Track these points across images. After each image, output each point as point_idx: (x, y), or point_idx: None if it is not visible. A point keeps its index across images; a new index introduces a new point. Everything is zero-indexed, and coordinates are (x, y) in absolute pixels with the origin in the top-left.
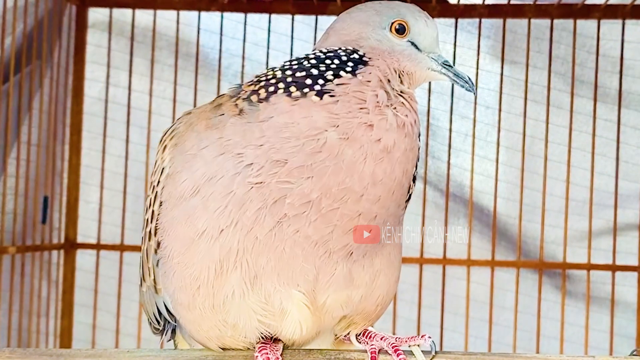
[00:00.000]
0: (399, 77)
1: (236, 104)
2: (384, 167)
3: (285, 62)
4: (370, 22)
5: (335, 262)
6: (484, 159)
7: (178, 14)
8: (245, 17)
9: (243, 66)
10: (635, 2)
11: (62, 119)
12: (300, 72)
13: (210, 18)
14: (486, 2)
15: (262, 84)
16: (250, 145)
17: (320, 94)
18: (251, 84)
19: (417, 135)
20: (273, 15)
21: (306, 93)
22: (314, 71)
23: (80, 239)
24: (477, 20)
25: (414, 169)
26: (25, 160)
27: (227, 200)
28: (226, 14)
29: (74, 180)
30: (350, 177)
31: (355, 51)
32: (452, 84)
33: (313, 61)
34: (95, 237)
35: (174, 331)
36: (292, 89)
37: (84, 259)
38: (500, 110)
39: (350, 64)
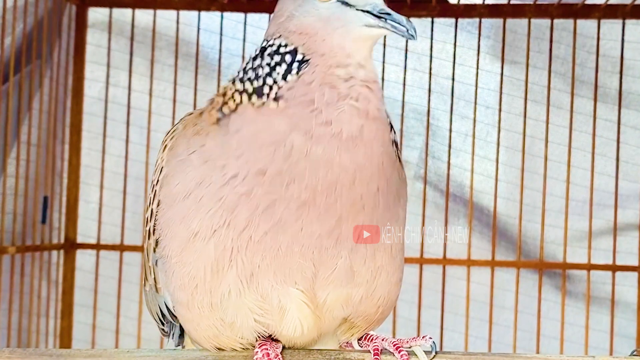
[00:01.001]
0: (348, 57)
1: (211, 114)
2: (361, 151)
3: (240, 70)
4: None
5: (339, 253)
6: (484, 159)
7: (178, 14)
8: (245, 17)
9: None
10: (635, 2)
11: (62, 119)
12: (257, 81)
13: (210, 18)
14: (486, 2)
15: (229, 94)
16: (230, 157)
17: (276, 99)
18: (220, 95)
19: (388, 122)
20: None
21: (265, 101)
22: (269, 80)
23: (80, 239)
24: (477, 20)
25: (395, 155)
26: (25, 160)
27: (218, 205)
28: (226, 14)
29: (73, 180)
30: (331, 170)
31: (294, 49)
32: (454, 83)
33: (266, 68)
34: (95, 237)
35: (181, 336)
36: (254, 98)
37: (83, 259)
38: (500, 110)
39: (294, 65)
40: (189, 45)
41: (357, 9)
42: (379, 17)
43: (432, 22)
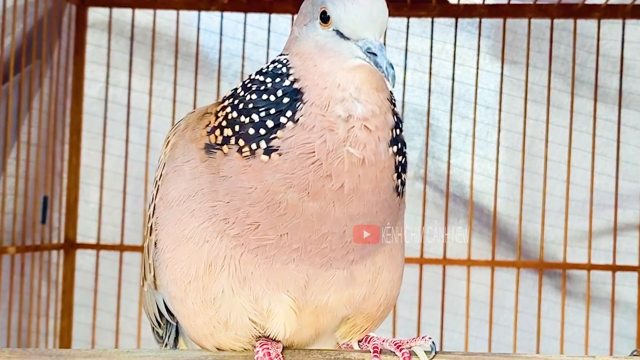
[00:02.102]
0: (340, 87)
1: (202, 134)
2: (356, 204)
3: (231, 95)
4: (307, 14)
5: (335, 270)
6: (484, 159)
7: (178, 14)
8: (245, 17)
9: (243, 66)
10: (636, 2)
11: (62, 119)
12: (245, 116)
13: (210, 18)
14: (486, 2)
15: (218, 122)
16: (219, 201)
17: (267, 151)
18: (211, 114)
19: (387, 147)
20: (273, 15)
21: (255, 150)
22: (255, 117)
23: (80, 239)
24: (477, 20)
25: (396, 172)
26: (25, 160)
27: (210, 223)
28: (226, 14)
29: (73, 180)
30: (325, 224)
31: (287, 76)
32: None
33: (254, 96)
34: (95, 237)
35: (176, 339)
36: (241, 142)
37: (83, 259)
38: (500, 110)
39: (285, 100)
40: (189, 45)
41: (352, 42)
42: (366, 54)
43: (432, 22)
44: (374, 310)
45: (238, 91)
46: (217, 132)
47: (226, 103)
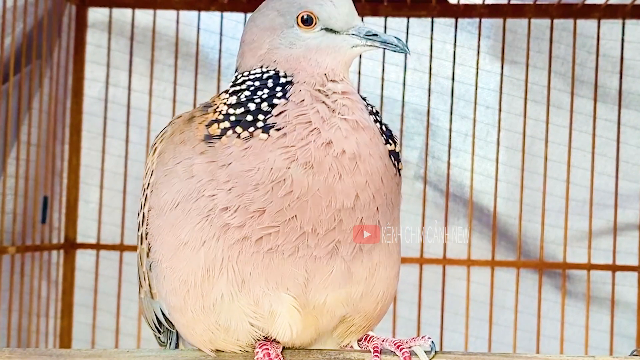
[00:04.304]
0: (326, 76)
1: (199, 129)
2: (362, 171)
3: (222, 96)
4: (276, 26)
5: (334, 263)
6: (484, 159)
7: (178, 14)
8: (245, 17)
9: None
10: (635, 2)
11: (62, 119)
12: (239, 108)
13: (210, 18)
14: (486, 2)
15: (214, 117)
16: (219, 189)
17: (266, 129)
18: (211, 111)
19: (373, 121)
20: None
21: (252, 132)
22: (251, 105)
23: (80, 239)
24: (477, 20)
25: (387, 144)
26: (25, 160)
27: (207, 221)
28: (226, 14)
29: (73, 180)
30: (335, 198)
31: (276, 73)
32: (455, 83)
33: (247, 93)
34: (95, 237)
35: (177, 345)
36: (239, 129)
37: (83, 259)
38: (500, 110)
39: (278, 88)
40: (189, 45)
41: (344, 34)
42: (366, 39)
43: (432, 22)
44: (371, 308)
45: (232, 90)
46: (215, 125)
47: (221, 99)
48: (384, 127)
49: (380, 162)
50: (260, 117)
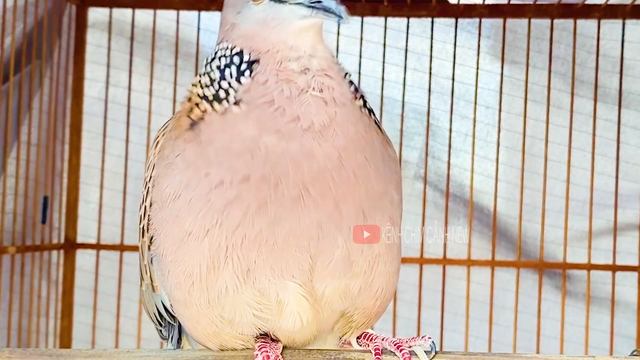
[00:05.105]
0: (292, 50)
1: (182, 120)
2: (342, 137)
3: (197, 78)
4: (236, 3)
5: (336, 241)
6: (484, 159)
7: (178, 14)
8: None
9: None
10: (635, 2)
11: (62, 119)
12: (212, 86)
13: (210, 18)
14: (486, 2)
15: (194, 100)
16: (211, 165)
17: (237, 103)
18: (186, 99)
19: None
20: None
21: (227, 108)
22: (223, 83)
23: (80, 239)
24: (477, 20)
25: (366, 110)
26: (25, 160)
27: (208, 207)
28: None
29: (73, 180)
30: (315, 160)
31: (241, 50)
32: (454, 83)
33: (217, 72)
34: (95, 237)
35: (179, 339)
36: (216, 104)
37: (83, 259)
38: (500, 110)
39: (243, 66)
40: (189, 45)
41: (289, 4)
42: (312, 7)
43: (432, 22)
44: (370, 304)
45: (204, 71)
46: (196, 110)
47: (196, 84)
48: (348, 76)
49: (361, 125)
50: (231, 92)
